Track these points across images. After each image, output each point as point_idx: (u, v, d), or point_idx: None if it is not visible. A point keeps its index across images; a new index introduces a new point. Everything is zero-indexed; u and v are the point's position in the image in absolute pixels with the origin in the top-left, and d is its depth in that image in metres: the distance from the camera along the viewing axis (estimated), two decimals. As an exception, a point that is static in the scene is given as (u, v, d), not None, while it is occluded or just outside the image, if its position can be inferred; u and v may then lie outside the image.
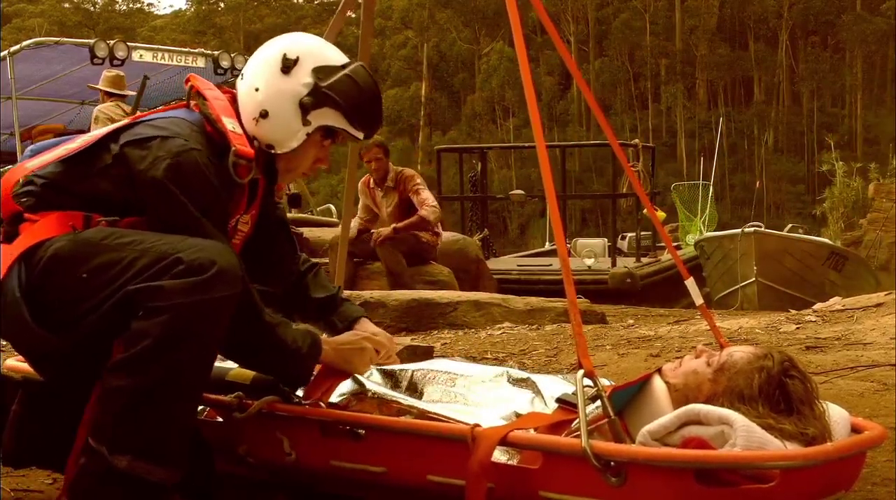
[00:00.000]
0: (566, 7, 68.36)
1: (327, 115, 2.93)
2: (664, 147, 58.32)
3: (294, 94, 2.91)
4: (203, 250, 2.59)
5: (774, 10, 64.90)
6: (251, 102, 2.94)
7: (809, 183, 56.17)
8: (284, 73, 2.91)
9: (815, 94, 65.88)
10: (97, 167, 2.83)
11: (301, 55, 2.93)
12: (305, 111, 2.91)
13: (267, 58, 2.98)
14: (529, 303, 7.67)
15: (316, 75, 2.92)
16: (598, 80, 67.56)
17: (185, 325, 2.54)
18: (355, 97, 2.95)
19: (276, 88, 2.92)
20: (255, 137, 2.94)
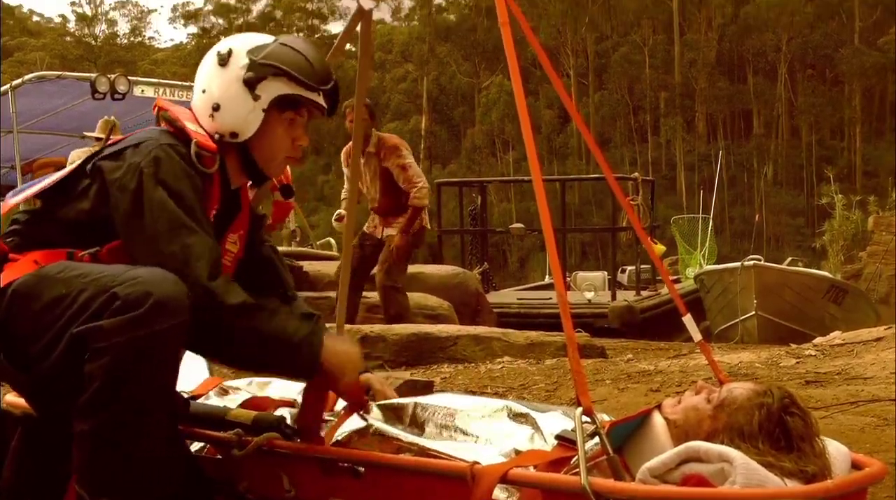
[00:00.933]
0: (566, 41, 68.63)
1: (274, 84, 2.95)
2: (664, 180, 58.42)
3: (236, 77, 2.95)
4: (140, 283, 2.55)
5: (773, 44, 65.12)
6: (202, 103, 2.99)
7: (809, 216, 56.20)
8: (222, 66, 2.97)
9: (814, 127, 66.04)
10: (76, 190, 2.86)
11: (233, 47, 3.00)
12: (251, 87, 2.93)
13: (204, 63, 3.05)
14: (529, 337, 7.66)
15: (250, 55, 2.96)
16: (598, 114, 67.76)
17: (127, 364, 2.52)
18: (295, 60, 2.97)
19: (219, 80, 2.97)
20: (216, 132, 2.96)
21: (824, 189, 39.80)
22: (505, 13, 3.04)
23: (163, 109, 3.04)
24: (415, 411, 3.05)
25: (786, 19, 63.50)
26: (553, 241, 2.73)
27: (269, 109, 2.96)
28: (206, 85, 3.00)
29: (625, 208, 4.08)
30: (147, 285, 2.55)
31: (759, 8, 64.26)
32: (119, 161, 2.82)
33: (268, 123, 2.98)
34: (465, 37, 71.90)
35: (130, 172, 2.78)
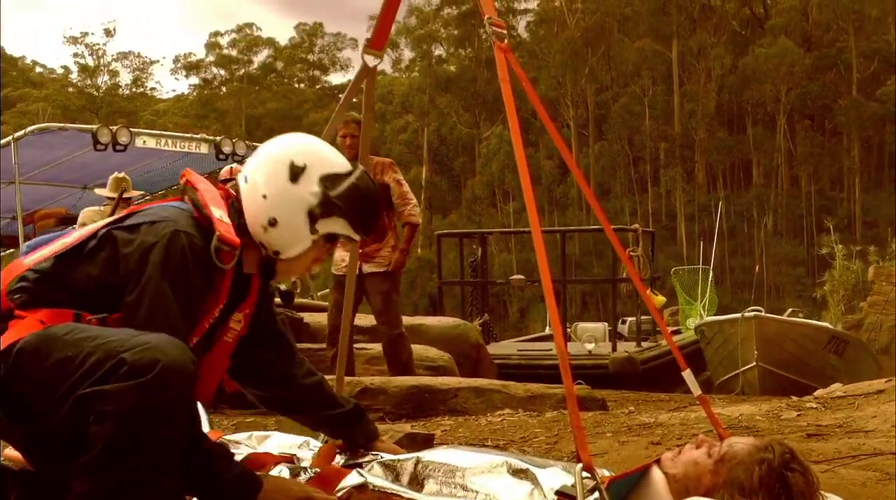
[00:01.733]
0: (566, 92, 68.97)
1: (335, 223, 2.97)
2: (664, 230, 58.48)
3: (303, 203, 2.93)
4: (148, 349, 2.54)
5: (772, 95, 65.43)
6: (259, 209, 2.96)
7: (809, 266, 56.19)
8: (293, 182, 2.94)
9: (814, 177, 66.20)
10: (85, 253, 2.85)
11: (308, 163, 2.96)
12: (314, 220, 2.94)
13: (274, 164, 2.99)
14: (530, 389, 7.64)
15: (323, 184, 2.94)
16: (598, 164, 67.97)
17: (131, 430, 2.50)
18: (361, 205, 3.00)
19: (285, 196, 2.94)
20: (262, 242, 2.97)
21: (824, 239, 39.87)
22: (505, 70, 3.07)
23: (191, 184, 3.01)
24: (416, 468, 3.05)
25: (784, 70, 63.82)
26: (553, 299, 2.74)
27: (316, 240, 3.00)
28: (269, 191, 2.96)
29: (624, 262, 4.09)
30: (155, 351, 2.54)
31: (757, 59, 64.60)
32: (133, 235, 2.81)
33: (307, 249, 3.02)
34: (466, 88, 72.26)
35: (140, 253, 2.77)
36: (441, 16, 75.76)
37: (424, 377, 8.08)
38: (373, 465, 3.08)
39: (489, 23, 3.21)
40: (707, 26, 70.19)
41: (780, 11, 69.41)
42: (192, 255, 2.80)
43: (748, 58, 65.87)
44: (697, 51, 67.80)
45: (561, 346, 2.72)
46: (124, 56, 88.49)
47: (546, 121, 3.40)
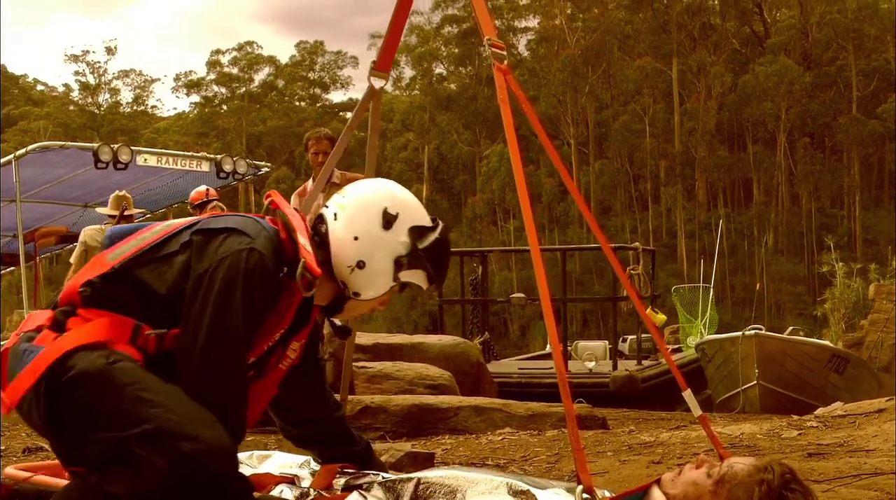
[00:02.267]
0: (566, 110, 69.06)
1: (416, 275, 3.08)
2: (664, 248, 58.45)
3: (392, 251, 3.04)
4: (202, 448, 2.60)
5: (772, 113, 65.48)
6: (350, 249, 3.04)
7: (810, 284, 56.17)
8: (385, 229, 3.04)
9: (814, 195, 66.20)
10: (162, 253, 2.90)
11: (400, 212, 3.07)
12: (399, 269, 3.04)
13: (368, 208, 3.07)
14: (530, 408, 7.64)
15: (412, 235, 3.06)
16: (598, 182, 67.99)
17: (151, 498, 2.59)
18: (442, 260, 3.12)
19: (377, 241, 3.04)
20: (345, 281, 3.04)
21: (825, 257, 39.83)
22: (504, 91, 3.09)
23: (278, 207, 3.09)
24: (416, 489, 3.05)
25: (784, 88, 63.89)
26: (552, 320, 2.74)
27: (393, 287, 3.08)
28: (361, 234, 3.04)
29: (622, 282, 4.10)
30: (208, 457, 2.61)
31: (757, 77, 64.68)
32: (209, 245, 2.86)
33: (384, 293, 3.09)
34: (466, 106, 72.35)
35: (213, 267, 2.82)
36: (441, 34, 75.90)
37: (425, 396, 8.08)
38: (373, 486, 3.08)
39: (489, 44, 3.23)
40: (707, 45, 70.32)
41: (780, 30, 69.52)
42: (262, 274, 2.84)
43: (748, 76, 65.95)
44: (697, 69, 67.90)
45: (560, 367, 2.72)
46: (125, 74, 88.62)
47: (546, 143, 3.41)
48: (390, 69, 3.63)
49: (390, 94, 79.11)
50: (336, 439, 3.47)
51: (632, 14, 71.63)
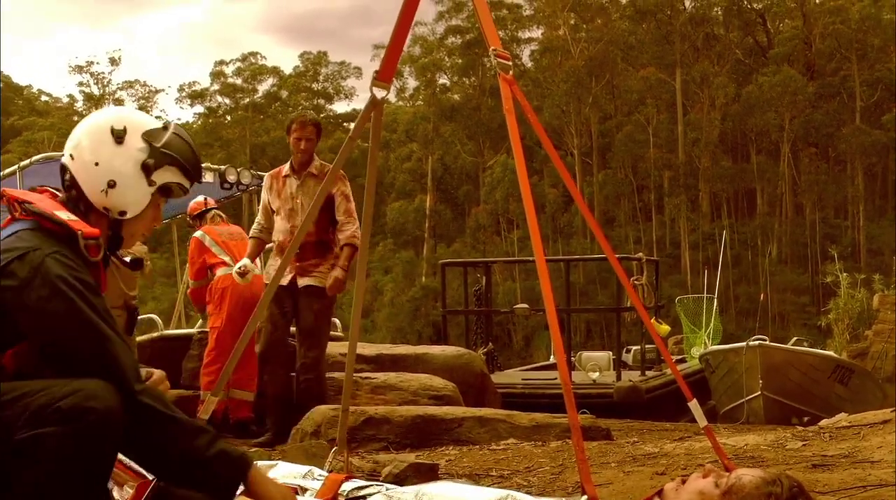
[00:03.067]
0: (569, 120, 69.09)
1: (168, 172, 3.11)
2: (668, 259, 58.45)
3: (134, 159, 3.06)
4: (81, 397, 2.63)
5: (776, 123, 65.48)
6: (93, 176, 3.07)
7: (814, 294, 56.12)
8: (119, 144, 3.07)
9: (818, 205, 66.17)
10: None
11: (126, 125, 3.10)
12: (149, 172, 3.07)
13: (94, 133, 3.12)
14: (534, 419, 7.64)
15: (146, 139, 3.09)
16: (602, 193, 68.01)
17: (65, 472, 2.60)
18: (187, 152, 3.16)
19: (115, 157, 3.06)
20: (105, 207, 3.07)
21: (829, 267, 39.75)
22: (510, 101, 3.09)
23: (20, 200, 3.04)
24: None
25: (788, 99, 63.90)
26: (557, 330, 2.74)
27: (155, 192, 3.12)
28: (100, 158, 3.07)
29: (627, 291, 4.10)
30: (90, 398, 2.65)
31: (761, 88, 64.69)
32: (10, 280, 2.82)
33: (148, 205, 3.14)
34: (470, 116, 72.38)
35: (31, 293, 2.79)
36: (445, 45, 75.95)
37: (429, 407, 8.07)
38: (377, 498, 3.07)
39: (494, 54, 3.23)
40: (710, 55, 70.35)
41: (783, 40, 69.55)
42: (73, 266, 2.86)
43: (752, 86, 65.97)
44: (701, 79, 67.93)
45: (565, 378, 2.72)
46: (129, 85, 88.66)
47: (551, 152, 3.41)
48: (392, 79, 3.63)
49: (394, 104, 79.21)
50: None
51: (635, 25, 71.69)
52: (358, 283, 4.47)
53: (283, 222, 8.13)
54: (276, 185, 8.19)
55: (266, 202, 8.31)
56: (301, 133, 8.12)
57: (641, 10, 70.43)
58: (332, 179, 4.13)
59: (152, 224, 3.23)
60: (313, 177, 8.08)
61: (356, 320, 4.42)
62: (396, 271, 66.51)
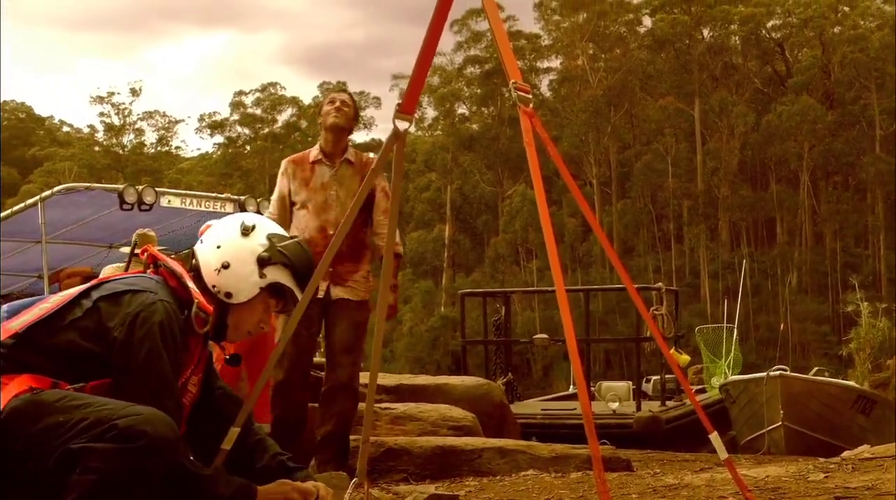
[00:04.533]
0: (588, 150, 69.19)
1: (280, 272, 3.31)
2: (688, 288, 58.30)
3: (252, 250, 3.29)
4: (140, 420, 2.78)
5: (795, 152, 65.45)
6: (213, 256, 3.30)
7: (835, 323, 55.86)
8: (244, 236, 3.31)
9: (838, 234, 66.01)
10: (67, 321, 3.06)
11: (257, 224, 3.36)
12: (262, 265, 3.27)
13: (227, 224, 3.38)
14: (554, 450, 7.61)
15: (270, 239, 3.33)
16: (621, 222, 68.01)
17: (110, 489, 2.72)
18: (304, 261, 3.38)
19: (237, 245, 3.30)
20: (215, 285, 3.26)
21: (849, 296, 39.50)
22: (530, 134, 3.10)
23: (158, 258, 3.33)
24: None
25: (807, 128, 63.90)
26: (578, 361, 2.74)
27: (264, 289, 3.31)
28: (223, 243, 3.31)
29: (647, 322, 4.09)
30: (146, 423, 2.78)
31: (780, 117, 64.70)
32: (117, 306, 3.06)
33: (256, 299, 3.31)
34: (489, 146, 72.51)
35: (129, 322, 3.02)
36: (464, 75, 76.22)
37: (448, 438, 8.05)
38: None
39: (514, 87, 3.25)
40: (729, 84, 70.44)
41: (802, 69, 69.53)
42: (173, 321, 3.07)
43: (771, 115, 65.99)
44: (720, 109, 67.95)
45: (586, 409, 2.72)
46: (150, 115, 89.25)
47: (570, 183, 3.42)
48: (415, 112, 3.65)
49: (413, 134, 79.30)
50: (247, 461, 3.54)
51: (654, 54, 71.85)
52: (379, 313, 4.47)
53: (311, 218, 6.64)
54: (302, 173, 6.74)
55: (284, 193, 6.81)
56: (340, 98, 6.84)
57: (660, 39, 70.60)
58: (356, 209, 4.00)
59: (259, 323, 3.39)
60: (349, 165, 6.72)
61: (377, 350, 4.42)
62: (416, 300, 66.51)
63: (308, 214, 6.66)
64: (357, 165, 6.71)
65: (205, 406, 3.42)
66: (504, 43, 3.30)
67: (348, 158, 6.73)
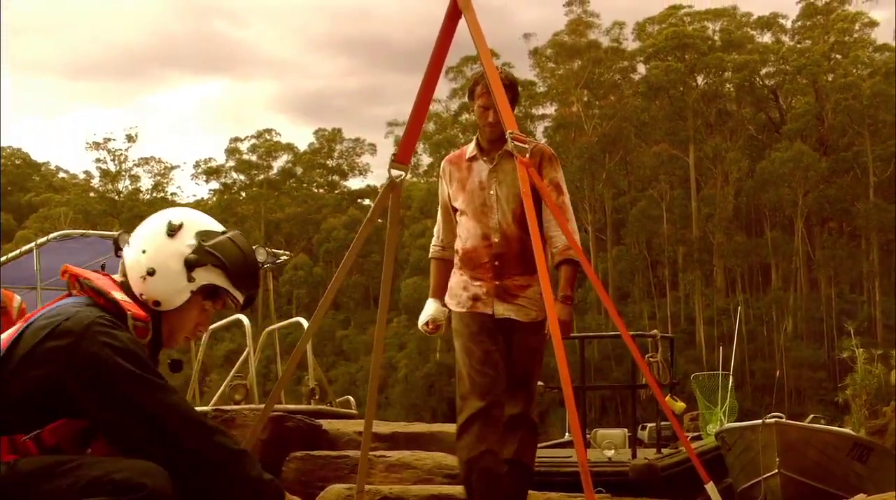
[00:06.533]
0: (583, 196, 69.33)
1: (211, 273, 3.10)
2: (683, 334, 58.32)
3: (179, 253, 3.08)
4: (135, 473, 2.71)
5: (789, 198, 65.68)
6: (138, 263, 3.10)
7: (830, 369, 55.81)
8: (170, 237, 3.09)
9: (833, 280, 66.09)
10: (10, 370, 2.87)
11: (184, 221, 3.13)
12: (190, 268, 3.07)
13: (152, 225, 3.16)
14: (550, 498, 7.57)
15: (199, 237, 3.10)
16: (616, 268, 68.08)
17: None
18: (237, 259, 3.14)
19: (163, 248, 3.09)
20: (142, 293, 3.07)
21: (845, 343, 39.57)
22: (527, 183, 3.12)
23: (80, 276, 3.11)
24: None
25: (801, 174, 64.16)
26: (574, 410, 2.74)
27: (196, 292, 3.10)
28: (148, 247, 3.11)
29: (642, 369, 4.11)
30: (144, 475, 2.71)
31: (774, 163, 64.98)
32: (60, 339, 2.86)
33: (188, 303, 3.11)
34: (484, 192, 72.61)
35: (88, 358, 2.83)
36: (459, 122, 76.56)
37: (444, 486, 8.01)
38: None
39: (511, 137, 3.27)
40: (723, 131, 70.79)
41: (796, 116, 69.92)
42: (121, 330, 2.91)
43: (765, 162, 66.28)
44: (714, 155, 68.32)
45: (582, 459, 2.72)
46: (146, 161, 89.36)
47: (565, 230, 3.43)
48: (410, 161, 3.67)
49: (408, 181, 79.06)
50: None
51: (648, 101, 72.21)
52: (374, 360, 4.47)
53: (472, 224, 5.54)
54: (458, 173, 5.69)
55: (445, 199, 5.81)
56: (484, 100, 5.34)
57: (654, 86, 70.95)
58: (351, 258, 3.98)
59: (196, 327, 3.21)
60: (510, 158, 5.19)
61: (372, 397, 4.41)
62: (411, 347, 66.32)
63: (468, 220, 5.58)
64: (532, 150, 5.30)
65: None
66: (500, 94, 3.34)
67: (508, 150, 5.07)
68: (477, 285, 5.49)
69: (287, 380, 3.74)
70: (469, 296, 5.51)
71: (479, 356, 5.36)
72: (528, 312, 5.39)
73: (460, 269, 5.64)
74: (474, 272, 5.53)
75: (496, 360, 5.36)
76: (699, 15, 75.07)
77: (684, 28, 72.56)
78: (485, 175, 5.54)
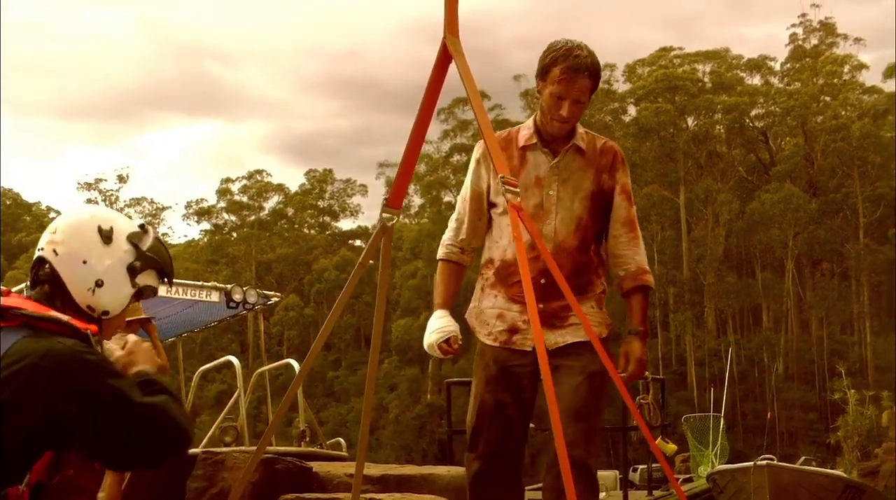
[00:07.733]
0: (574, 237, 69.41)
1: (150, 276, 3.14)
2: (674, 375, 58.24)
3: (121, 260, 3.06)
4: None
5: (780, 240, 65.86)
6: (81, 274, 3.01)
7: (822, 410, 55.77)
8: (107, 244, 3.06)
9: (824, 321, 66.15)
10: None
11: (112, 225, 3.09)
12: (134, 274, 3.08)
13: (81, 230, 3.06)
14: (541, 541, 7.54)
15: (132, 241, 3.10)
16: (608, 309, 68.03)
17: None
18: (166, 257, 3.22)
19: (104, 257, 3.04)
20: (90, 305, 3.02)
21: (836, 384, 39.60)
22: (518, 228, 3.13)
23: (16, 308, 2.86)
24: None
25: (791, 215, 64.38)
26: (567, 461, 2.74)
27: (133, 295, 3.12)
28: (89, 257, 3.03)
29: (632, 412, 4.09)
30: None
31: (764, 204, 65.21)
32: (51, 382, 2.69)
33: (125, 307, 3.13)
34: (474, 234, 72.70)
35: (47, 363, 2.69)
36: (450, 162, 76.76)
37: (436, 529, 7.98)
38: None
39: (502, 181, 3.27)
40: (714, 172, 71.09)
41: (785, 158, 70.29)
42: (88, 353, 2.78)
43: (755, 203, 66.49)
44: (705, 196, 68.55)
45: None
46: (137, 202, 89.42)
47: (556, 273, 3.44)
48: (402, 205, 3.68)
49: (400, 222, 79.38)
50: None
51: (639, 143, 72.50)
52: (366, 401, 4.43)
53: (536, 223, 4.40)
54: (508, 161, 4.33)
55: (482, 189, 4.66)
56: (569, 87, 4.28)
57: (645, 128, 71.28)
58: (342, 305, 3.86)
59: (124, 325, 3.27)
60: (579, 154, 4.48)
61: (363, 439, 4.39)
62: (402, 388, 66.18)
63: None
64: (590, 154, 4.51)
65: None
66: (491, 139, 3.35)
67: (577, 144, 4.46)
68: (517, 310, 4.56)
69: (278, 424, 3.73)
70: (505, 328, 4.63)
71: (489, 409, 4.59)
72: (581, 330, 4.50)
73: (493, 286, 4.80)
74: (512, 290, 4.60)
75: (509, 415, 4.61)
76: (689, 57, 75.57)
77: (674, 70, 73.00)
78: (544, 170, 4.48)
